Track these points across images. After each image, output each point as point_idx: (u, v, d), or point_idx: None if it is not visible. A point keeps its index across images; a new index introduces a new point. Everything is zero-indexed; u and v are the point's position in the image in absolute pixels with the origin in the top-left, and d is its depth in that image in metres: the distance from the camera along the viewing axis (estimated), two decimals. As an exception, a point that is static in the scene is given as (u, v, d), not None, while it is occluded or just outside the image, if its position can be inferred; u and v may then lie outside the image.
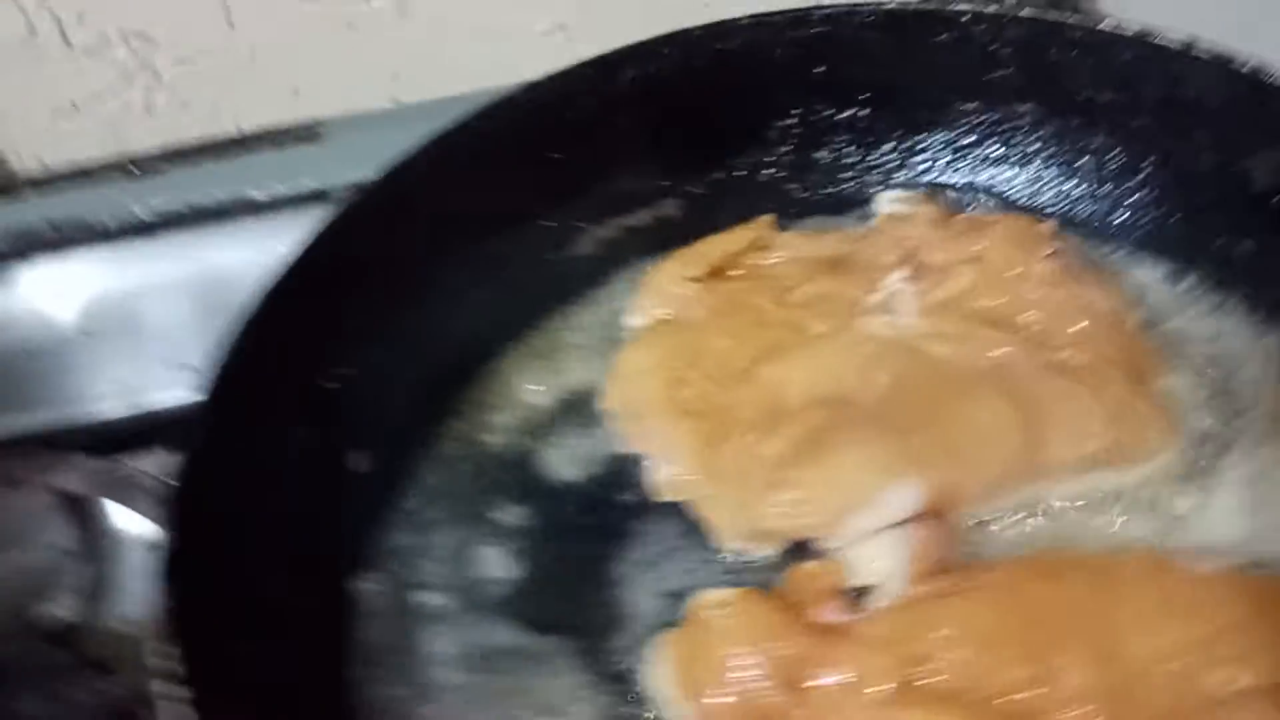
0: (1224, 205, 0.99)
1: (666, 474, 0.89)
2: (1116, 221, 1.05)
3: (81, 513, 1.12)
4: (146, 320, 1.21)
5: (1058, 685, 0.73)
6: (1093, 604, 0.76)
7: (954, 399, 0.86)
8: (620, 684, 0.81)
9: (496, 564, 0.89)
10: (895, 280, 0.96)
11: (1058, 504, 0.86)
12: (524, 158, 1.02)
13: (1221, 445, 0.89)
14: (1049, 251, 0.96)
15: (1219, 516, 0.85)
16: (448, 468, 0.96)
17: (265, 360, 0.86)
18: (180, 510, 0.77)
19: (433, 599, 0.87)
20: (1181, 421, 0.89)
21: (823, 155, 1.11)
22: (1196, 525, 0.85)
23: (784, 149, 1.11)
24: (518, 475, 0.94)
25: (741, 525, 0.85)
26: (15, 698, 0.94)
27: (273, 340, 0.87)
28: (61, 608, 1.07)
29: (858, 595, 0.81)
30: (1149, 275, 1.01)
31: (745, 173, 1.11)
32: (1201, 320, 0.97)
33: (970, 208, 1.07)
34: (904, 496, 0.81)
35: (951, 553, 0.82)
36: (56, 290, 1.25)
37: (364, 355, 0.95)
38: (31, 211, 1.26)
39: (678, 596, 0.85)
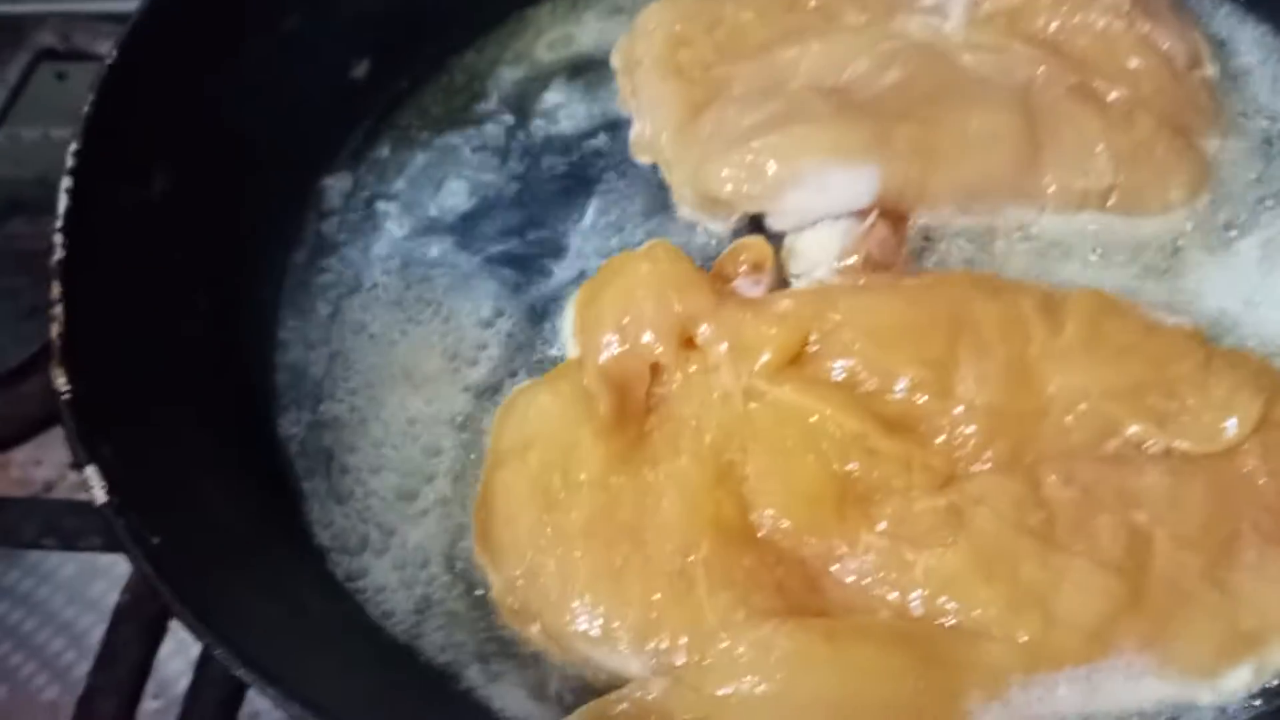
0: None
1: (644, 133, 0.85)
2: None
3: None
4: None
5: (949, 397, 0.68)
6: (1023, 328, 0.69)
7: (956, 103, 0.79)
8: (533, 317, 0.81)
9: (459, 194, 0.88)
10: (956, -14, 0.87)
11: (1046, 238, 0.78)
12: None
13: (1251, 218, 0.78)
14: (1133, -19, 0.84)
15: (1219, 287, 0.76)
16: (448, 96, 0.94)
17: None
18: (112, 77, 0.75)
19: (390, 208, 0.88)
20: (1210, 183, 0.79)
21: None
22: (1194, 289, 0.76)
23: None
24: (510, 116, 0.92)
25: (697, 190, 0.81)
26: None
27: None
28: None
29: (786, 283, 0.76)
30: (1249, 35, 0.89)
31: None
32: (1289, 92, 0.85)
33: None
34: (854, 181, 0.75)
35: (897, 259, 0.76)
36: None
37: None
38: None
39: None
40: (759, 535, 0.65)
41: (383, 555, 0.70)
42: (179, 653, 0.78)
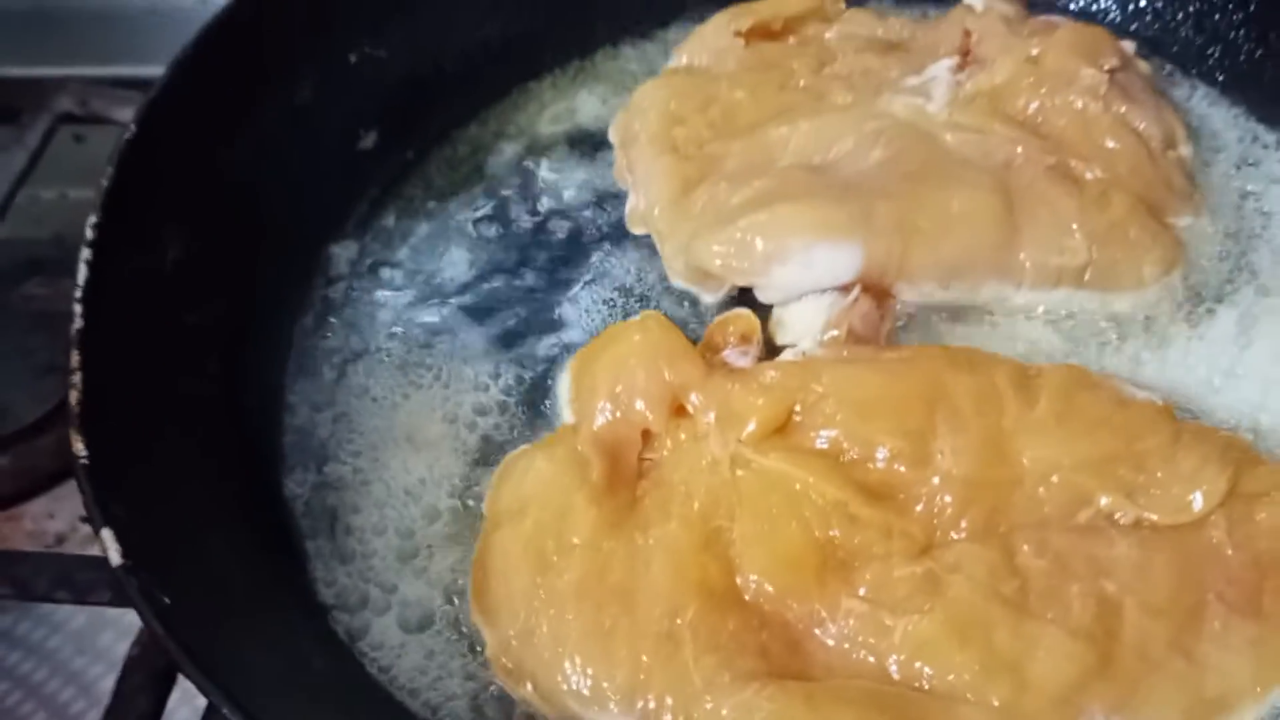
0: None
1: (638, 206, 0.89)
2: (1210, 57, 0.95)
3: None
4: None
5: (926, 467, 0.70)
6: (998, 401, 0.72)
7: (937, 182, 0.82)
8: (530, 384, 0.84)
9: (460, 263, 0.92)
10: (940, 67, 0.91)
11: (1022, 313, 0.82)
12: None
13: (1224, 293, 0.82)
14: (1110, 66, 0.88)
15: (1194, 361, 0.79)
16: (450, 168, 0.98)
17: (276, 19, 0.89)
18: (130, 151, 0.78)
19: (395, 277, 0.91)
20: (1183, 261, 0.82)
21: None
22: (1166, 364, 0.79)
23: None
24: (510, 188, 0.96)
25: (688, 263, 0.84)
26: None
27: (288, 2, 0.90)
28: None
29: (773, 353, 0.80)
30: (1224, 116, 0.93)
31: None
32: (1262, 175, 0.89)
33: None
34: (837, 257, 0.78)
35: (880, 333, 0.79)
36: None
37: (396, 41, 0.97)
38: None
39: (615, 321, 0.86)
40: (744, 599, 0.68)
41: (384, 614, 0.73)
42: (185, 702, 0.81)
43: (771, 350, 0.80)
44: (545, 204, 0.95)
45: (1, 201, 1.07)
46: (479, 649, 0.71)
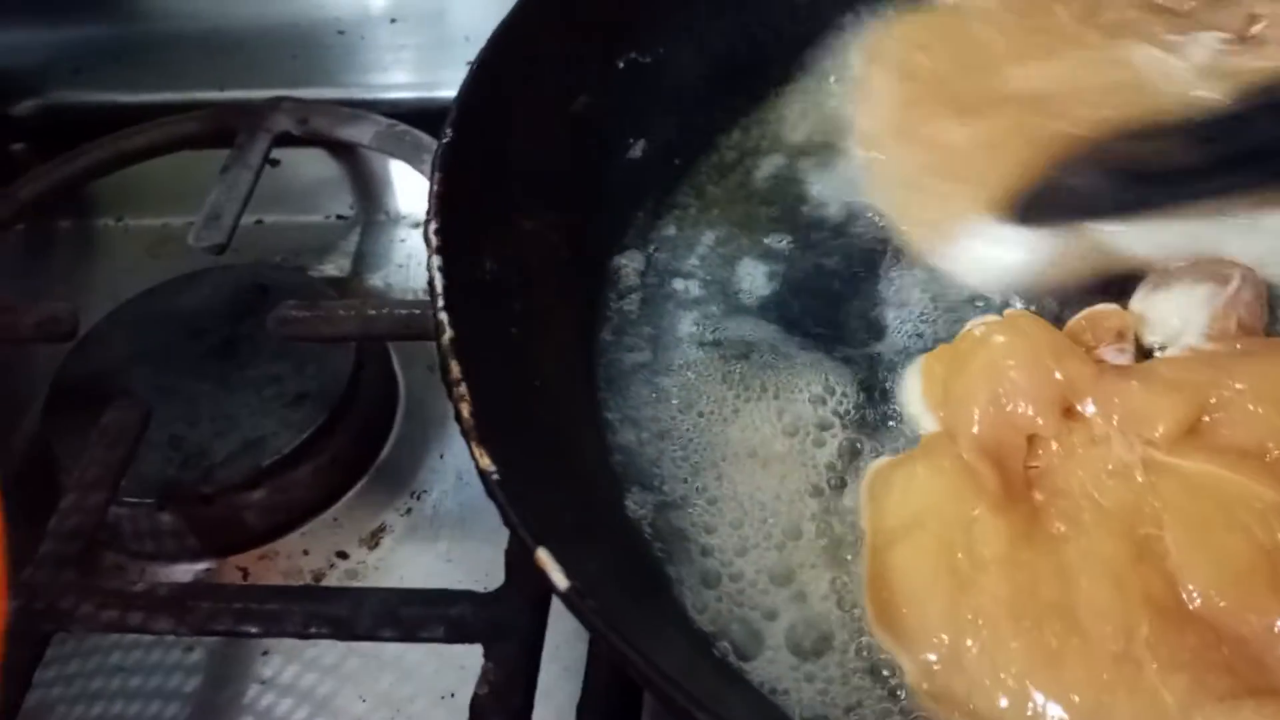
0: None
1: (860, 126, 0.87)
2: None
3: (361, 182, 1.16)
4: (453, 14, 1.23)
5: (1365, 465, 0.65)
6: None
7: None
8: (867, 393, 0.78)
9: (756, 274, 0.87)
10: (1209, 36, 0.88)
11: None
12: None
13: None
14: None
15: None
16: (720, 175, 0.94)
17: (552, 26, 0.85)
18: (450, 154, 0.76)
19: (689, 288, 0.86)
20: None
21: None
22: None
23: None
24: (789, 197, 0.91)
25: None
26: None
27: (563, 10, 0.86)
28: (335, 267, 1.13)
29: (1144, 352, 0.74)
30: None
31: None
32: None
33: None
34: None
35: (1262, 322, 0.74)
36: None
37: (660, 48, 0.93)
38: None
39: (946, 328, 0.81)
40: (1193, 612, 0.62)
41: (771, 640, 0.67)
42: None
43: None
44: (826, 210, 0.90)
45: (232, 224, 1.02)
46: (888, 673, 0.65)
